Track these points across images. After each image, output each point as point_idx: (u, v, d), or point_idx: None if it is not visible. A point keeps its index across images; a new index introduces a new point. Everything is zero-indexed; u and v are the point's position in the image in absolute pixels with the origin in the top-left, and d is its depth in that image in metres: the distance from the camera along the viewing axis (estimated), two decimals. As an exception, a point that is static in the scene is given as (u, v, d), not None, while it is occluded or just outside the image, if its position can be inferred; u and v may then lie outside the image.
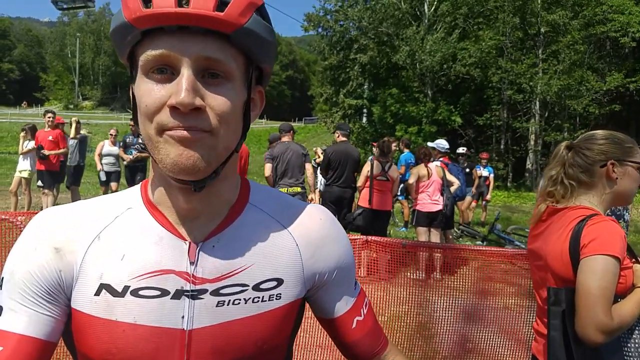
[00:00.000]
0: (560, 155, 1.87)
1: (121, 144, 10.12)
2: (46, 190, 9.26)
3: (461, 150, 11.19)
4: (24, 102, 68.10)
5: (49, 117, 9.25)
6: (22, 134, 9.56)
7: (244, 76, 0.80)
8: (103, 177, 10.16)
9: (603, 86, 23.57)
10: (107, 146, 10.19)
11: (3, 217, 3.61)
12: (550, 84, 23.50)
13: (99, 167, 10.14)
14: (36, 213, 0.89)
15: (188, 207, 0.83)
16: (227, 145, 0.78)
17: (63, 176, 9.94)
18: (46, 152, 8.99)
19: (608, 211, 1.79)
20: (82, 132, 10.62)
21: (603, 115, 24.54)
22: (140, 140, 9.40)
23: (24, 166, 9.58)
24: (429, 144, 8.84)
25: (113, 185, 10.16)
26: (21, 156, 9.68)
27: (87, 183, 14.98)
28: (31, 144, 9.37)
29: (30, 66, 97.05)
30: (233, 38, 0.74)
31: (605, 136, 1.77)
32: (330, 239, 0.97)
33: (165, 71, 0.73)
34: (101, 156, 10.10)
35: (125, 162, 9.98)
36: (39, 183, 9.38)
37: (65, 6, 28.09)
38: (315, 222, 0.97)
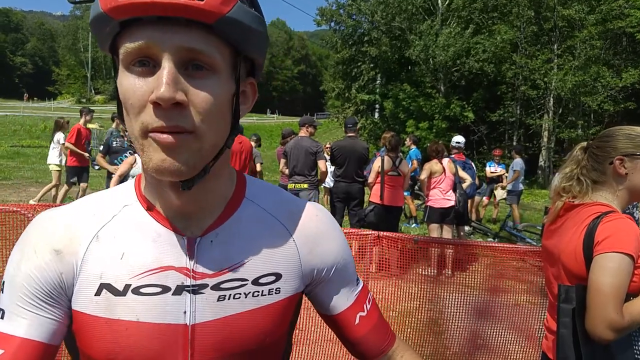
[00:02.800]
0: (575, 156, 1.87)
1: (101, 148, 7.99)
2: (83, 184, 9.53)
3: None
4: (25, 95, 68.32)
5: None
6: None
7: (230, 68, 0.76)
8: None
9: (619, 82, 23.24)
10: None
11: (16, 209, 3.64)
12: (565, 79, 23.23)
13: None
14: (49, 207, 0.88)
15: (180, 204, 0.81)
16: (214, 144, 0.76)
17: None
18: None
19: None
20: (94, 126, 10.27)
21: (618, 112, 24.24)
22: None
23: (52, 159, 9.81)
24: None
25: None
26: (51, 149, 9.85)
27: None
28: (60, 136, 9.54)
29: (42, 60, 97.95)
30: (216, 28, 0.70)
31: (619, 132, 1.75)
32: (326, 236, 0.97)
33: (147, 64, 0.70)
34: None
35: (115, 176, 6.16)
36: (74, 179, 9.46)
37: None
38: (311, 218, 0.97)
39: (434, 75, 27.54)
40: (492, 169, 11.49)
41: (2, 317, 0.78)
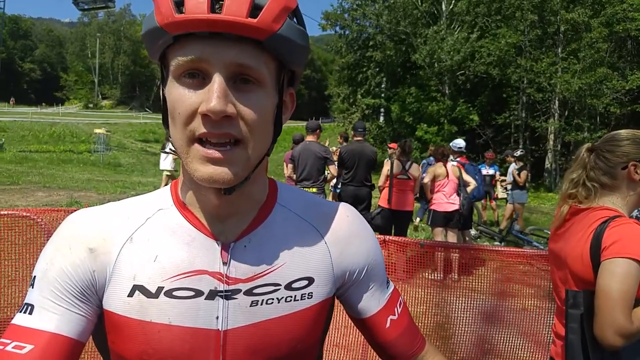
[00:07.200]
0: (582, 158, 1.83)
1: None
2: None
3: (519, 152, 11.00)
4: (12, 100, 68.36)
5: None
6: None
7: (275, 80, 0.79)
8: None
9: (625, 85, 23.13)
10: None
11: (25, 214, 3.66)
12: (571, 82, 23.13)
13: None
14: (58, 211, 0.90)
15: (219, 207, 0.82)
16: (259, 153, 0.79)
17: None
18: None
19: None
20: (101, 130, 10.76)
21: (624, 114, 24.12)
22: None
23: (164, 166, 11.33)
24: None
25: None
26: (162, 156, 11.32)
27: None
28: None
29: (51, 66, 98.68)
30: (266, 44, 0.73)
31: (628, 137, 1.73)
32: (357, 237, 0.97)
33: (197, 76, 0.72)
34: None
35: None
36: None
37: (86, 7, 28.54)
38: (342, 219, 0.97)
39: (439, 78, 27.52)
40: (484, 171, 11.55)
41: (30, 313, 0.78)
